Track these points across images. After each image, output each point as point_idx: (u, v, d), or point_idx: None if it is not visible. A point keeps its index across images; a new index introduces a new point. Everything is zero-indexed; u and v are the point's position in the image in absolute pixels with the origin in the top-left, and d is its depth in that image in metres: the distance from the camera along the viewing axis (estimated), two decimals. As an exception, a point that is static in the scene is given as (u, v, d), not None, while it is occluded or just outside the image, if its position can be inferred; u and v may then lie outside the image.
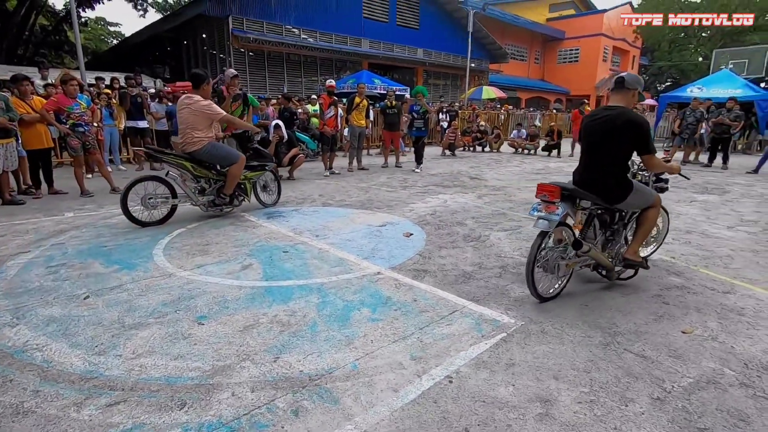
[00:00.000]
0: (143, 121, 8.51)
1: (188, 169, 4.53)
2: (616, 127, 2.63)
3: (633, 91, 2.72)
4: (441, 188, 6.92)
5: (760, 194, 6.68)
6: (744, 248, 3.95)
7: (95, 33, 34.61)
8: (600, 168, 2.74)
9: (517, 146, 13.50)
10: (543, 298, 2.72)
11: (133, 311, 2.54)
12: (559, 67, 34.85)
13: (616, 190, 2.72)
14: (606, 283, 3.08)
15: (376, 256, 3.59)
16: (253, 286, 2.94)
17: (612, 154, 2.69)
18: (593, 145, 2.77)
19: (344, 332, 2.34)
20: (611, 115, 2.66)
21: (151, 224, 4.43)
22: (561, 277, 2.78)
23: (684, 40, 34.90)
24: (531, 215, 2.65)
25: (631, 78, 2.71)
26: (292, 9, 17.25)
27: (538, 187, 2.61)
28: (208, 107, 4.46)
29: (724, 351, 2.22)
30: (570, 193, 2.62)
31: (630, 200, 2.75)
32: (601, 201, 2.75)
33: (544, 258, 2.63)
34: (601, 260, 2.85)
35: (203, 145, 4.48)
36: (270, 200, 5.50)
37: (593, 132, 2.76)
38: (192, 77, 4.59)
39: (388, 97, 9.49)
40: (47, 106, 5.75)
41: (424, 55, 22.03)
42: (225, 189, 4.71)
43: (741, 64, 18.57)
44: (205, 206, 4.73)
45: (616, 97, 2.75)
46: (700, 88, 14.04)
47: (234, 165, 4.65)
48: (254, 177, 5.11)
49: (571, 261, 2.73)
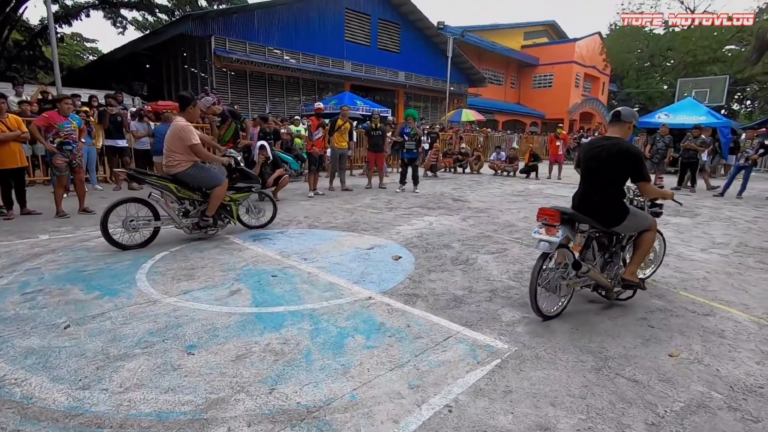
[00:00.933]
0: (122, 140, 8.34)
1: (172, 191, 4.44)
2: (612, 156, 2.81)
3: (628, 123, 2.93)
4: (426, 210, 6.99)
5: (728, 217, 7.01)
6: (718, 270, 4.12)
7: (71, 49, 34.04)
8: (597, 193, 2.91)
9: (496, 168, 13.82)
10: (546, 317, 2.83)
11: (117, 341, 2.44)
12: (534, 91, 36.20)
13: (612, 214, 2.87)
14: (593, 305, 3.15)
15: (367, 280, 3.57)
16: (243, 312, 2.88)
17: (608, 181, 2.87)
18: (591, 171, 2.95)
19: (340, 360, 2.30)
20: (608, 144, 2.86)
21: (132, 247, 4.31)
22: (562, 297, 2.90)
23: (650, 69, 36.84)
24: (533, 237, 2.77)
25: (627, 112, 2.94)
26: (276, 30, 17.46)
27: (539, 212, 2.76)
28: (182, 130, 4.37)
29: (710, 374, 2.29)
30: (569, 216, 2.77)
31: (626, 224, 2.91)
32: (599, 224, 2.90)
33: (546, 278, 2.76)
34: (600, 281, 2.98)
35: (186, 167, 4.43)
36: (256, 222, 5.42)
37: (591, 159, 2.94)
38: (179, 99, 4.58)
39: (372, 120, 9.62)
40: (38, 122, 5.65)
41: (405, 78, 22.53)
42: (207, 211, 4.63)
43: (703, 93, 19.73)
44: (189, 228, 4.63)
45: (614, 129, 2.96)
46: (667, 114, 14.80)
47: (217, 187, 4.59)
48: (240, 198, 5.05)
49: (571, 281, 2.85)
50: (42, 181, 8.58)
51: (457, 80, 24.72)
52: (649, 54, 35.86)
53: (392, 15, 21.61)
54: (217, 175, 4.70)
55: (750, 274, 4.03)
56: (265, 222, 5.45)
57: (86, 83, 19.79)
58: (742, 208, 7.94)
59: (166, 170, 4.50)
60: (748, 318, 3.03)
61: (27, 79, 23.12)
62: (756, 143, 9.35)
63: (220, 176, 4.70)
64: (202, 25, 15.42)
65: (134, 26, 28.20)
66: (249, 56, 16.56)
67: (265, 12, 17.11)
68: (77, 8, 25.30)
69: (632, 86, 37.15)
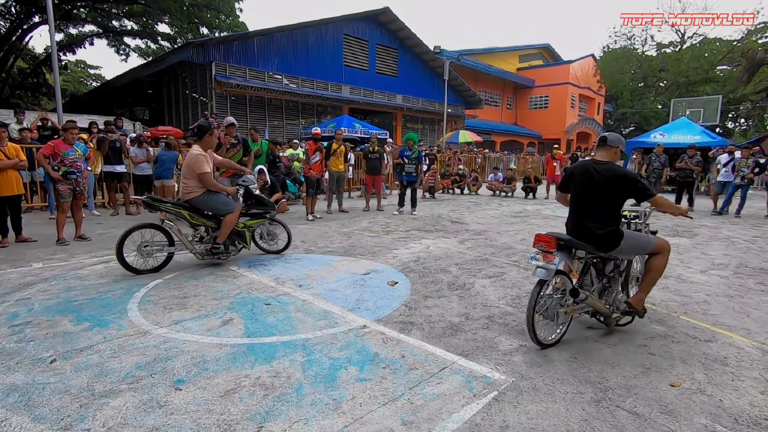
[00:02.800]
0: (121, 166, 8.38)
1: (186, 217, 4.53)
2: (608, 181, 2.81)
3: (615, 148, 2.99)
4: (423, 233, 6.96)
5: (726, 237, 6.98)
6: (719, 293, 4.07)
7: (74, 75, 34.74)
8: (590, 218, 2.88)
9: (494, 189, 13.87)
10: (543, 345, 2.77)
11: (104, 376, 2.38)
12: (530, 112, 36.71)
13: (606, 238, 2.84)
14: (591, 332, 3.09)
15: (362, 308, 3.52)
16: (234, 343, 2.82)
17: (602, 206, 2.86)
18: (582, 196, 2.95)
19: (331, 394, 2.24)
20: (602, 169, 2.86)
21: (145, 272, 4.37)
22: (560, 324, 2.85)
23: (644, 90, 37.46)
24: (530, 264, 2.74)
25: (614, 137, 3.00)
26: (275, 56, 17.81)
27: (536, 238, 2.74)
28: (193, 159, 4.48)
29: (713, 405, 2.22)
30: (566, 243, 2.74)
31: (623, 247, 2.87)
32: (595, 249, 2.87)
33: (543, 305, 2.72)
34: (598, 307, 2.94)
35: (199, 194, 4.53)
36: (275, 247, 5.36)
37: (584, 184, 2.93)
38: (197, 128, 4.72)
39: (370, 142, 9.70)
40: (44, 151, 5.71)
41: (402, 101, 22.86)
42: (218, 238, 4.65)
43: (697, 112, 20.00)
44: (201, 254, 4.66)
45: (601, 153, 3.01)
46: (662, 134, 14.95)
47: (229, 214, 4.62)
48: (254, 225, 5.03)
49: (569, 308, 2.81)
50: (39, 207, 8.59)
51: (454, 102, 25.09)
52: (642, 75, 36.56)
53: (390, 40, 22.10)
54: (229, 202, 4.71)
55: (751, 297, 3.97)
56: (281, 248, 5.36)
57: (89, 109, 20.12)
58: (741, 227, 7.92)
59: (181, 196, 4.65)
60: (750, 344, 2.96)
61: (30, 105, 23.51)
62: (751, 162, 9.40)
63: (231, 203, 4.71)
64: (203, 52, 15.74)
65: (137, 53, 28.81)
66: (249, 81, 16.85)
67: (264, 39, 17.49)
68: (81, 37, 25.95)
69: (627, 106, 37.69)
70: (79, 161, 5.88)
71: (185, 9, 23.48)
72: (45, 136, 8.64)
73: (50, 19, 10.02)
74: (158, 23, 25.56)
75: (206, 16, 24.73)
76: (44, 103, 26.29)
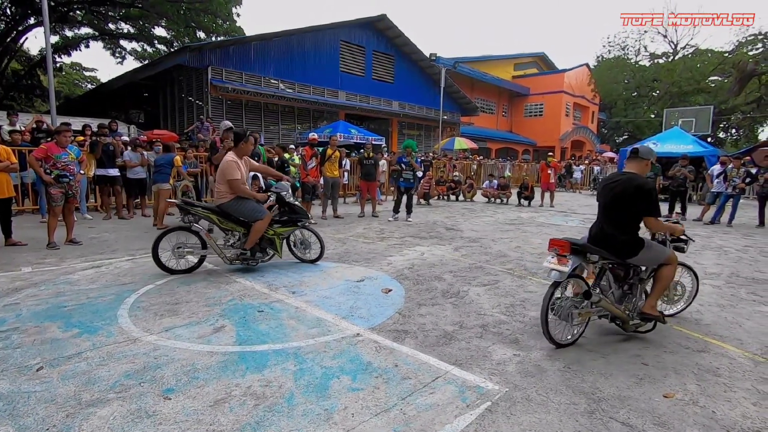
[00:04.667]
0: (114, 170, 8.31)
1: (215, 222, 4.61)
2: (627, 191, 2.94)
3: (646, 161, 3.08)
4: (418, 239, 6.96)
5: (719, 246, 7.03)
6: (711, 303, 4.09)
7: (69, 78, 34.56)
8: (611, 226, 3.03)
9: (489, 196, 13.92)
10: (558, 344, 2.92)
11: (91, 384, 2.34)
12: (525, 120, 36.98)
13: (625, 246, 2.98)
14: (585, 341, 3.08)
15: (355, 315, 3.50)
16: (226, 351, 2.79)
17: (622, 214, 2.99)
18: (606, 205, 3.09)
19: (323, 404, 2.21)
20: (623, 179, 3.01)
21: (178, 272, 4.54)
22: (576, 326, 2.98)
23: (637, 99, 37.90)
24: (544, 266, 2.90)
25: (645, 150, 3.10)
26: (272, 61, 17.84)
27: (550, 242, 2.89)
28: (224, 165, 4.55)
29: (706, 417, 2.21)
30: (580, 247, 2.88)
31: (641, 256, 3.00)
32: (613, 256, 3.00)
33: (558, 306, 2.86)
34: (613, 311, 3.04)
35: (229, 199, 4.58)
36: (308, 256, 5.27)
37: (607, 194, 3.08)
38: (233, 135, 4.89)
39: (365, 149, 9.71)
40: (36, 153, 5.68)
41: (398, 108, 22.95)
42: (246, 244, 4.66)
43: (689, 122, 20.22)
44: (229, 259, 4.69)
45: (631, 165, 3.11)
46: (655, 143, 15.09)
47: (258, 221, 4.61)
48: (285, 233, 4.98)
49: (584, 311, 2.92)
50: (30, 210, 8.49)
51: (450, 109, 25.23)
52: (635, 85, 36.99)
53: (386, 47, 22.22)
54: (258, 208, 4.68)
55: (743, 307, 3.99)
56: (314, 258, 5.24)
57: (84, 112, 20.00)
58: (733, 237, 7.99)
59: (214, 201, 4.75)
60: (742, 354, 2.97)
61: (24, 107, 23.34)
62: (743, 172, 9.51)
63: (261, 210, 4.68)
64: (199, 56, 15.73)
65: (133, 57, 28.73)
66: (245, 86, 16.84)
67: (261, 44, 17.52)
68: (77, 39, 25.86)
69: (621, 115, 38.10)
70: (71, 164, 5.83)
71: (182, 13, 23.48)
72: (39, 139, 8.56)
73: (45, 21, 9.97)
74: (155, 27, 25.52)
75: (203, 20, 24.73)
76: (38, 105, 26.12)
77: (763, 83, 28.05)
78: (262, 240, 4.75)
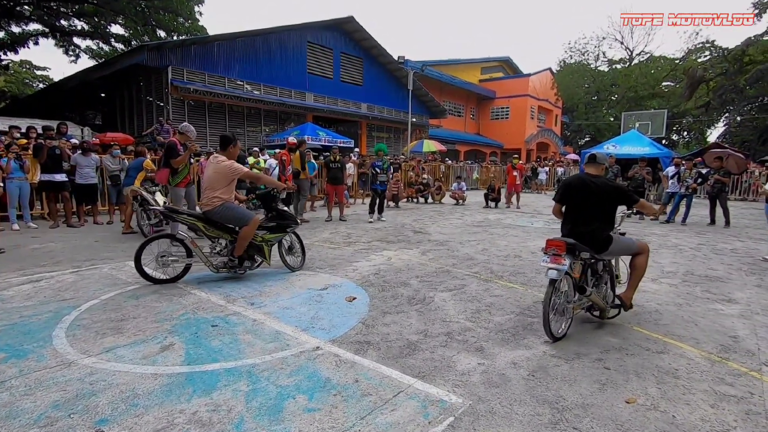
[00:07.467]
0: (60, 175, 7.75)
1: (201, 229, 4.38)
2: (603, 192, 3.28)
3: (602, 165, 3.48)
4: (385, 243, 6.85)
5: (674, 244, 7.30)
6: (669, 302, 4.18)
7: (18, 77, 32.52)
8: (587, 224, 3.29)
9: (457, 198, 14.01)
10: (556, 339, 3.10)
11: (12, 419, 2.08)
12: (492, 122, 37.71)
13: (601, 242, 3.26)
14: (549, 348, 3.05)
15: (316, 327, 3.34)
16: (171, 373, 2.57)
17: (598, 213, 3.30)
18: (582, 206, 3.35)
19: (275, 429, 2.05)
20: (597, 183, 3.32)
21: (163, 281, 4.36)
22: (567, 319, 3.22)
23: (597, 103, 39.44)
24: (541, 265, 3.10)
25: (601, 156, 3.51)
26: (236, 62, 17.35)
27: (547, 243, 3.07)
28: (229, 165, 4.45)
29: (666, 422, 2.20)
30: (572, 246, 3.07)
31: (612, 249, 3.31)
32: (593, 251, 3.26)
33: (555, 303, 3.04)
34: (597, 302, 3.36)
35: (216, 206, 4.37)
36: (295, 263, 5.08)
37: (580, 195, 3.34)
38: (220, 139, 4.66)
39: (332, 152, 9.54)
40: None
41: (367, 110, 22.85)
42: (234, 251, 4.46)
43: (645, 125, 21.17)
44: (216, 268, 4.46)
45: (591, 168, 3.48)
46: (614, 145, 15.66)
47: (245, 227, 4.40)
48: (273, 239, 4.75)
49: (575, 304, 3.21)
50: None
51: (418, 112, 25.35)
52: (595, 89, 38.52)
53: (354, 49, 22.09)
54: (246, 213, 4.53)
55: (698, 305, 4.10)
56: (300, 265, 5.11)
57: (35, 112, 18.78)
58: (687, 235, 8.32)
59: (201, 208, 4.60)
60: (699, 354, 3.02)
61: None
62: (695, 173, 9.96)
63: (248, 215, 4.52)
64: (159, 56, 15.09)
65: (88, 55, 27.31)
66: (208, 87, 16.30)
67: (225, 44, 17.01)
68: (25, 36, 24.34)
69: (582, 118, 39.54)
70: None
71: (140, 10, 22.54)
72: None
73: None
74: (111, 24, 24.39)
75: (164, 18, 23.85)
76: (-19, 106, 24.39)
77: (711, 89, 29.77)
78: (250, 247, 4.56)
